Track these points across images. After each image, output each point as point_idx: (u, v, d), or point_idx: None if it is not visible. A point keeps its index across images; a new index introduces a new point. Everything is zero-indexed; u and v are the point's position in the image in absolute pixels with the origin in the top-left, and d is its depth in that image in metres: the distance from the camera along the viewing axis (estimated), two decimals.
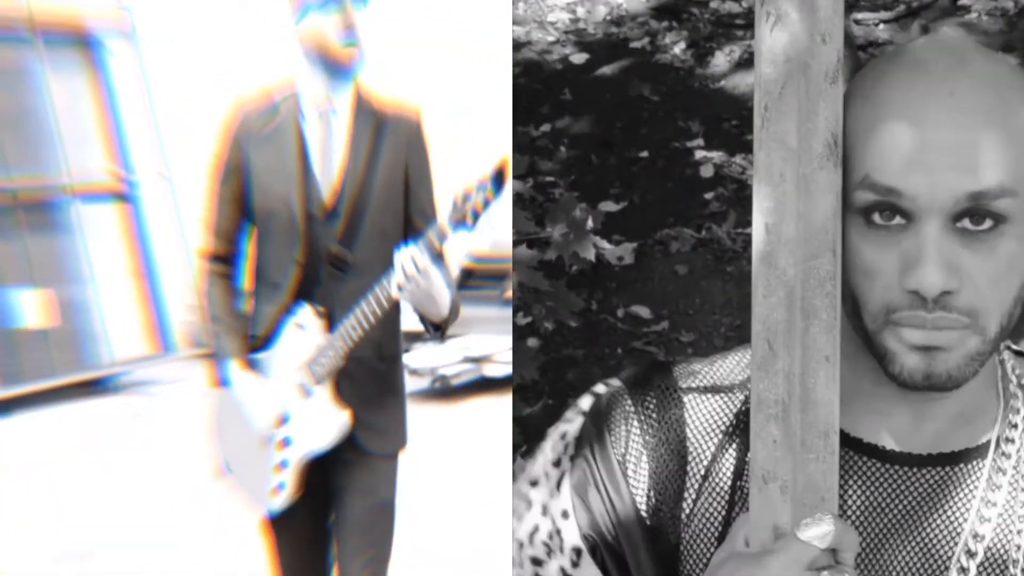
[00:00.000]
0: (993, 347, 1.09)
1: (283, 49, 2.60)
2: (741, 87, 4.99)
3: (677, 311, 4.15)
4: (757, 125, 1.07)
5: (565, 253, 3.69)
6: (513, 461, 3.46)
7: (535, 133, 4.74)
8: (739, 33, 5.23)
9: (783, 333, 1.08)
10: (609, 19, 5.34)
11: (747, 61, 5.06)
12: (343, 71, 2.45)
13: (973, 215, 1.04)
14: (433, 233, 2.26)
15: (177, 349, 8.89)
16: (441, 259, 2.40)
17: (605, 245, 4.21)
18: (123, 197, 8.96)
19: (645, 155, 4.71)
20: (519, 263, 3.57)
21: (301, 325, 2.48)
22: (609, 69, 5.11)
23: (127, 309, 8.71)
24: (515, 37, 5.23)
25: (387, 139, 2.51)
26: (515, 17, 5.32)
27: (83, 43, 8.79)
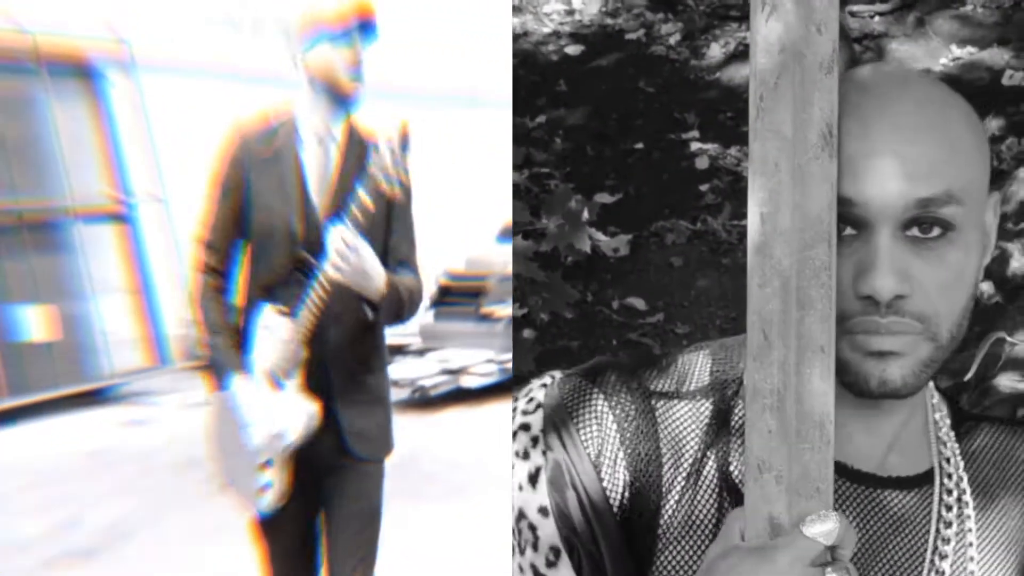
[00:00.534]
0: (944, 355, 1.12)
1: (279, 76, 2.68)
2: (736, 79, 4.98)
3: (672, 303, 4.15)
4: (752, 115, 1.07)
5: (561, 244, 3.70)
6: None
7: (531, 124, 4.74)
8: (734, 25, 5.23)
9: (778, 323, 1.08)
10: (604, 11, 5.33)
11: (742, 53, 5.05)
12: (346, 103, 2.56)
13: (922, 223, 1.08)
14: (356, 208, 2.35)
15: (172, 361, 9.37)
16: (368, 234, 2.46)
17: (600, 237, 4.21)
18: (122, 218, 9.48)
19: (640, 147, 4.70)
20: (515, 254, 3.57)
21: (267, 327, 2.55)
22: (605, 61, 5.10)
23: (125, 324, 9.19)
24: (513, 28, 5.22)
25: (366, 168, 2.53)
26: (512, 9, 5.31)
27: (85, 74, 9.32)
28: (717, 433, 1.19)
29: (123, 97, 9.48)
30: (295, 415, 2.54)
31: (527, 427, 1.24)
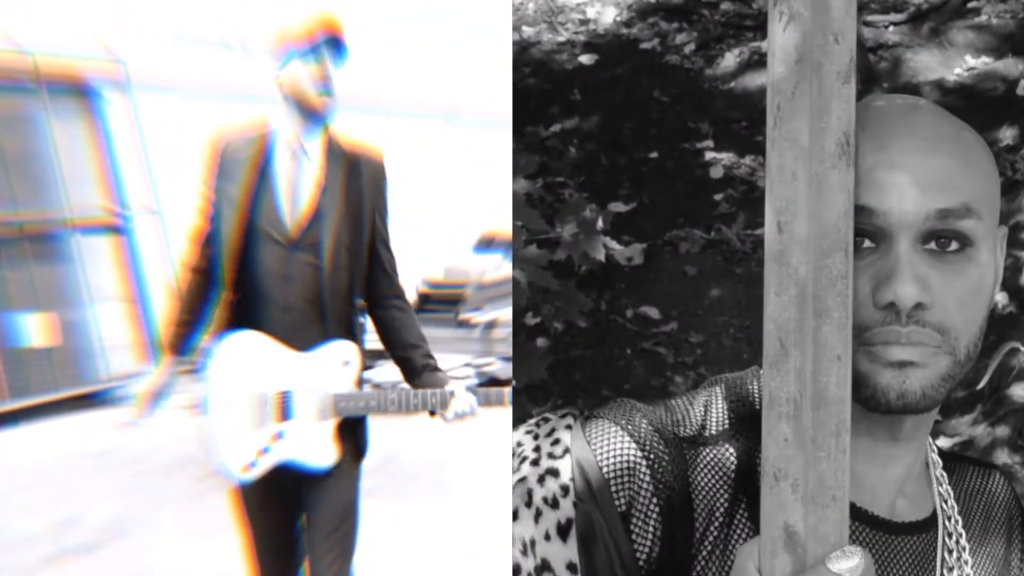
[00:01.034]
0: (961, 373, 1.12)
1: (263, 93, 2.82)
2: (751, 88, 4.98)
3: (686, 312, 4.15)
4: (770, 124, 1.07)
5: (575, 253, 3.70)
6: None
7: (545, 133, 4.74)
8: (749, 34, 5.23)
9: (795, 332, 1.08)
10: (619, 20, 5.34)
11: (757, 62, 5.05)
12: (316, 117, 2.66)
13: (940, 237, 1.09)
14: (488, 393, 2.82)
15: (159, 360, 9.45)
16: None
17: (614, 245, 4.21)
18: (118, 230, 9.82)
19: (655, 156, 4.70)
20: (528, 263, 3.57)
21: (347, 362, 2.68)
22: (619, 70, 5.10)
23: (121, 330, 9.52)
24: (525, 37, 5.23)
25: (355, 179, 2.72)
26: (525, 18, 5.32)
27: (82, 92, 9.69)
28: (747, 479, 1.17)
29: (119, 114, 9.81)
30: (316, 452, 2.64)
31: (555, 473, 1.18)
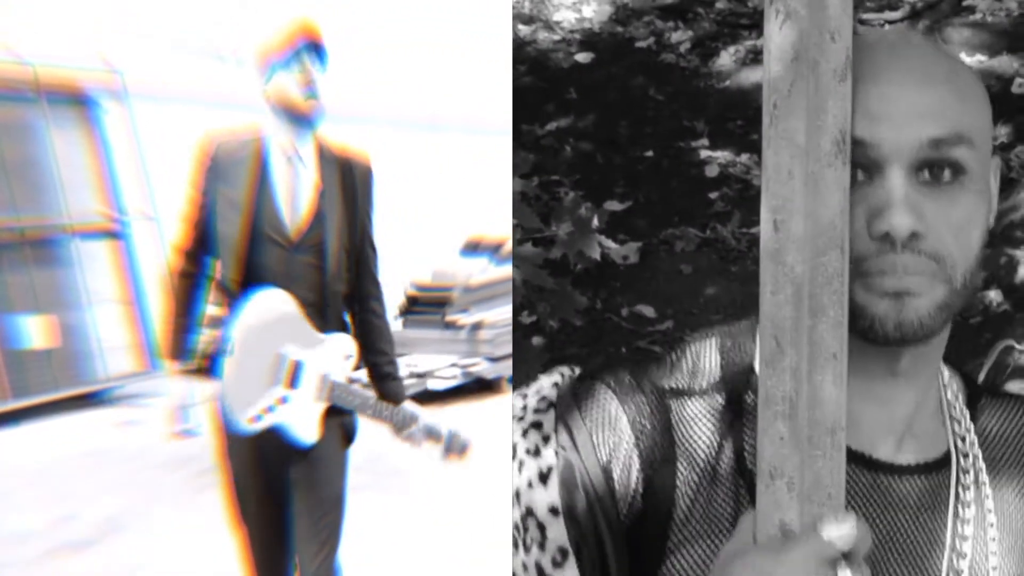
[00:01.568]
0: (958, 302, 1.11)
1: (256, 102, 2.93)
2: (746, 87, 4.98)
3: (681, 310, 4.15)
4: (766, 123, 1.07)
5: (570, 252, 3.70)
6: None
7: (540, 132, 4.74)
8: (744, 33, 5.23)
9: (790, 330, 1.07)
10: (615, 18, 5.34)
11: (752, 60, 5.06)
12: (305, 121, 2.70)
13: (933, 166, 1.09)
14: (446, 440, 2.91)
15: (160, 366, 9.65)
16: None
17: (610, 244, 4.21)
18: (115, 235, 10.07)
19: (650, 155, 4.70)
20: (524, 261, 3.57)
21: (348, 356, 2.76)
22: (615, 68, 5.10)
23: (119, 332, 9.75)
24: (521, 36, 5.23)
25: (349, 183, 2.80)
26: (521, 16, 5.32)
27: (81, 102, 9.94)
28: (731, 426, 1.18)
29: (116, 123, 10.04)
30: (304, 427, 2.69)
31: (539, 425, 1.22)
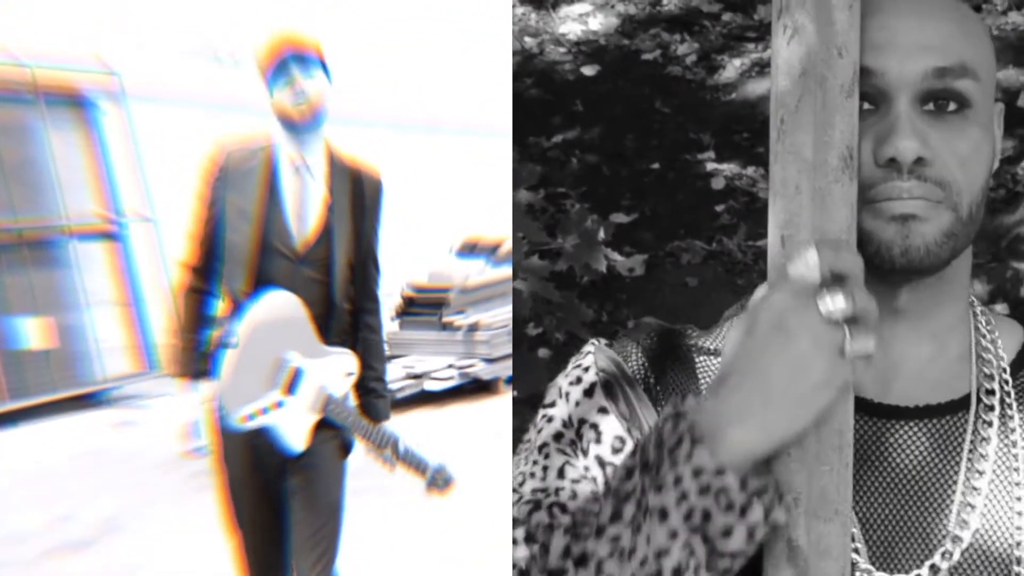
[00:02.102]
0: (965, 232, 1.11)
1: (253, 104, 2.99)
2: (752, 99, 4.99)
3: (687, 323, 4.14)
4: (773, 138, 1.07)
5: (576, 264, 3.70)
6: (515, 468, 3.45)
7: (547, 144, 4.75)
8: (750, 46, 5.24)
9: None
10: (621, 31, 5.35)
11: (759, 73, 5.06)
12: (300, 128, 2.73)
13: (938, 98, 1.09)
14: (430, 475, 2.92)
15: (160, 367, 10.06)
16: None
17: (616, 256, 4.21)
18: (113, 236, 10.16)
19: (656, 167, 4.70)
20: (530, 274, 3.58)
21: (349, 374, 2.80)
22: (621, 81, 5.11)
23: (116, 333, 9.84)
24: (527, 48, 5.24)
25: (358, 198, 2.83)
26: (527, 29, 5.33)
27: (78, 104, 10.03)
28: None
29: (114, 125, 10.11)
30: (296, 435, 2.72)
31: (584, 367, 1.25)
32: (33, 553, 5.37)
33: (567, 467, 1.19)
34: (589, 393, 1.22)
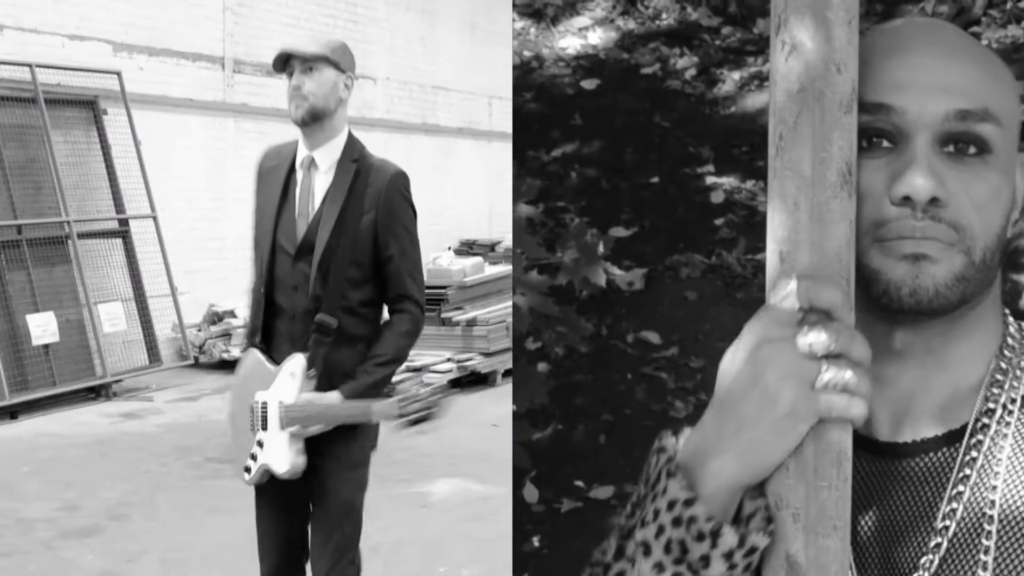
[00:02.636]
0: (978, 277, 1.08)
1: (251, 105, 3.12)
2: (751, 113, 4.99)
3: (687, 337, 4.14)
4: (771, 154, 1.07)
5: (575, 278, 3.70)
6: (520, 487, 3.45)
7: (546, 158, 4.75)
8: (750, 59, 5.24)
9: None
10: (620, 45, 5.36)
11: (758, 87, 5.07)
12: (300, 125, 2.86)
13: (959, 140, 1.07)
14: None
15: (161, 361, 10.48)
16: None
17: (615, 271, 4.21)
18: (115, 234, 10.44)
19: (656, 181, 4.71)
20: (529, 288, 3.57)
21: (293, 374, 2.83)
22: (620, 95, 5.11)
23: (119, 327, 10.09)
24: (525, 62, 5.25)
25: (360, 189, 2.86)
26: (526, 43, 5.34)
27: (81, 103, 10.29)
28: None
29: (116, 124, 10.34)
30: (284, 459, 2.82)
31: None
32: (41, 540, 5.51)
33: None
34: None
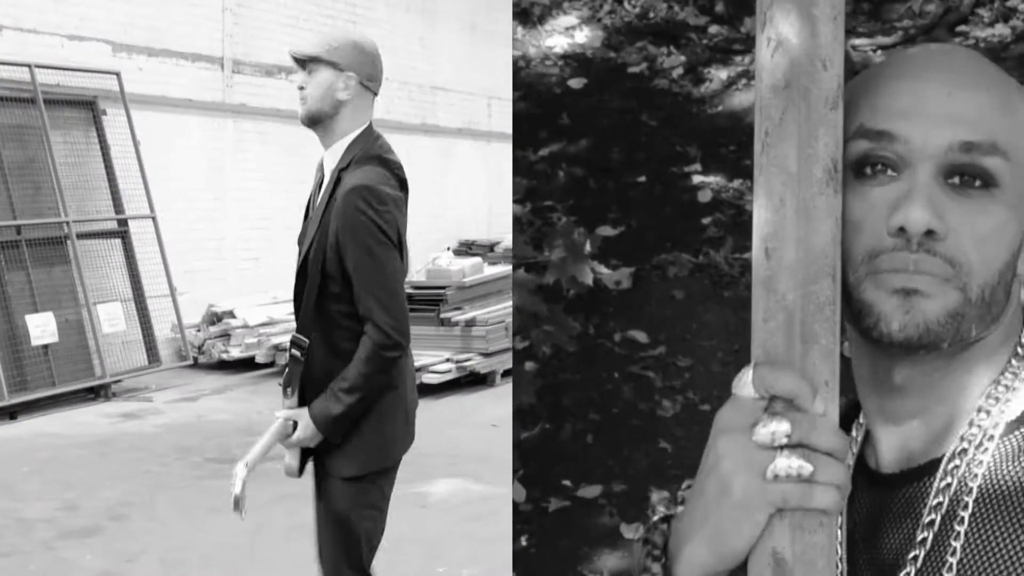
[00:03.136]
0: (973, 314, 1.05)
1: (249, 106, 3.14)
2: (738, 112, 4.99)
3: (674, 336, 4.14)
4: (757, 150, 1.07)
5: (563, 277, 3.70)
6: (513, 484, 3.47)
7: (533, 157, 4.74)
8: (737, 58, 5.25)
9: (782, 358, 1.07)
10: (607, 44, 5.35)
11: (745, 86, 5.07)
12: (307, 126, 2.87)
13: (964, 173, 1.03)
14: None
15: (160, 361, 10.49)
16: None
17: (602, 270, 4.21)
18: (114, 234, 10.44)
19: (643, 180, 4.70)
20: (517, 287, 3.57)
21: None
22: (607, 94, 5.11)
23: (119, 328, 10.08)
24: (513, 61, 5.24)
25: (333, 200, 2.81)
26: (514, 42, 5.33)
27: (80, 104, 10.29)
28: None
29: (115, 125, 10.34)
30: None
31: None
32: (41, 540, 5.55)
33: None
34: None
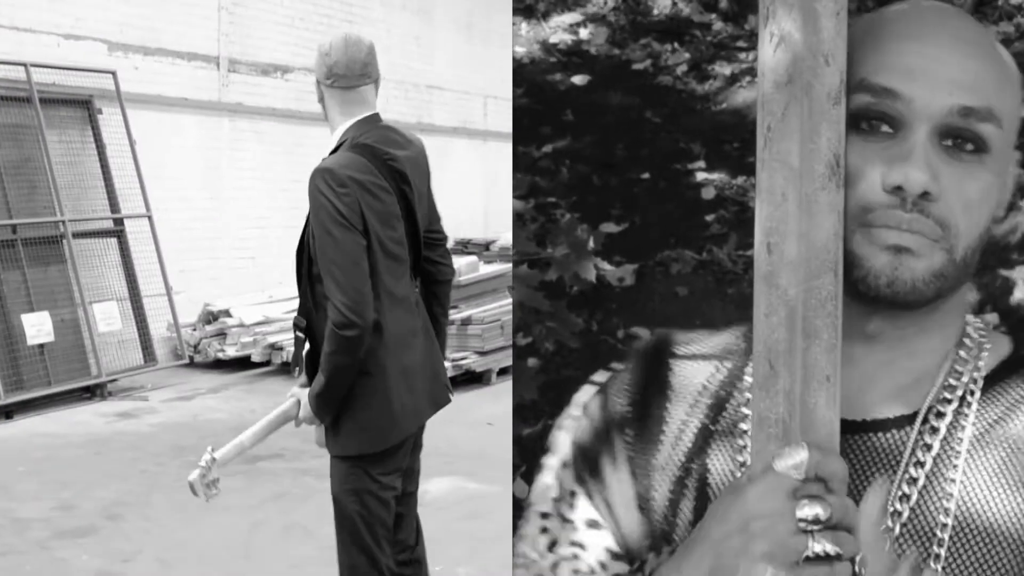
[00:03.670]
0: (956, 275, 1.09)
1: (247, 106, 3.19)
2: (742, 108, 4.97)
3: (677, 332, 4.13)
4: (760, 145, 1.07)
5: (566, 274, 3.69)
6: (512, 481, 3.46)
7: (537, 154, 4.73)
8: (741, 55, 5.23)
9: (784, 353, 1.06)
10: (611, 41, 5.35)
11: (749, 83, 5.05)
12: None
13: (958, 136, 1.07)
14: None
15: (156, 360, 10.46)
16: None
17: (606, 266, 4.19)
18: (110, 233, 10.40)
19: (646, 176, 4.68)
20: (520, 282, 3.56)
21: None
22: (611, 90, 5.10)
23: (115, 327, 10.06)
24: (517, 58, 5.23)
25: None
26: (517, 38, 5.33)
27: (76, 103, 10.28)
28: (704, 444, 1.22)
29: (111, 124, 10.32)
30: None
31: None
32: (37, 540, 5.54)
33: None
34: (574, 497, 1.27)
